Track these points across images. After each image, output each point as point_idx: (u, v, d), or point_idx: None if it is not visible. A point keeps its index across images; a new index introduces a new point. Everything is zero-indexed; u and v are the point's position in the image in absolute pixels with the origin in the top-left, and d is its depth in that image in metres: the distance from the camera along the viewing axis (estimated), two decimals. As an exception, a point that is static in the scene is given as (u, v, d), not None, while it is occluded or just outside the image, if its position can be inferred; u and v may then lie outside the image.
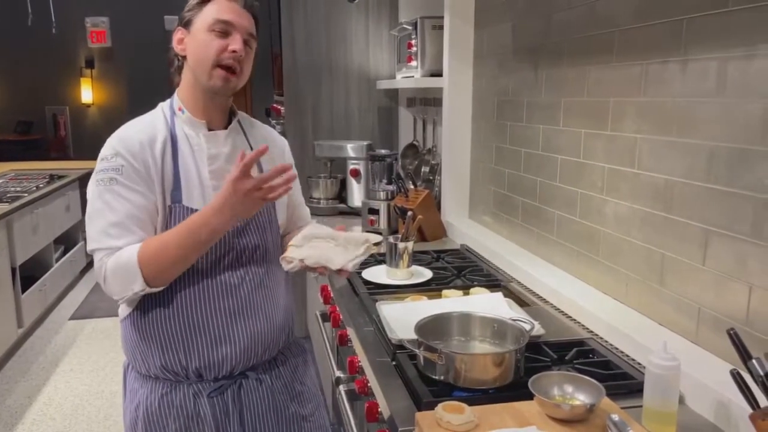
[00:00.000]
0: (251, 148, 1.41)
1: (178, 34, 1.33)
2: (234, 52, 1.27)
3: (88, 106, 7.29)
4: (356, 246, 1.33)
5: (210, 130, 1.34)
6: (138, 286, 1.22)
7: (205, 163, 1.32)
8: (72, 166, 5.40)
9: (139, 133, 1.29)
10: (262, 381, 1.38)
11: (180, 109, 1.34)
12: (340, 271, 1.31)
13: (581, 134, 1.74)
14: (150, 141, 1.28)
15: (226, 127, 1.37)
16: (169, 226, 1.27)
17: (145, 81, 6.97)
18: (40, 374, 3.49)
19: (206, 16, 1.28)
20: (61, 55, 7.07)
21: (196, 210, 1.28)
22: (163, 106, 1.37)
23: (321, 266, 1.30)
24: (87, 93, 7.23)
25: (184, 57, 1.33)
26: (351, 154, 3.15)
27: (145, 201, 1.26)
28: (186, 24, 1.31)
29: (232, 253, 1.32)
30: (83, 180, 5.04)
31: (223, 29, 1.28)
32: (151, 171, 1.26)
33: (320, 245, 1.32)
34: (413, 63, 2.90)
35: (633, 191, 1.52)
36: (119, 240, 1.23)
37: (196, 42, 1.29)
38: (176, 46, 1.33)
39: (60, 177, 4.72)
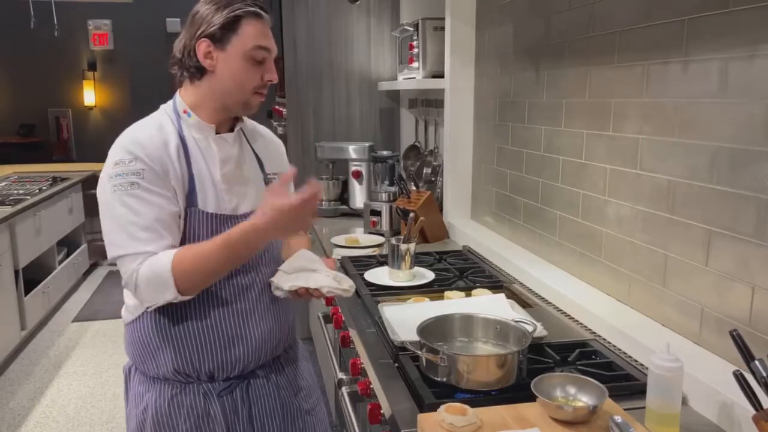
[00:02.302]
0: (253, 151, 1.42)
1: (203, 46, 1.25)
2: (270, 81, 1.28)
3: (91, 108, 7.30)
4: (341, 281, 1.31)
5: (217, 133, 1.34)
6: (170, 296, 1.20)
7: (216, 167, 1.31)
8: (75, 169, 5.40)
9: (153, 137, 1.26)
10: (269, 378, 1.41)
11: (185, 112, 1.31)
12: (315, 290, 1.28)
13: (583, 135, 1.74)
14: (164, 144, 1.26)
15: (230, 130, 1.37)
16: (187, 229, 1.27)
17: (147, 83, 6.98)
18: (43, 377, 3.49)
19: (245, 41, 1.24)
20: (64, 58, 7.09)
21: (211, 213, 1.28)
22: (166, 109, 1.34)
23: (302, 288, 1.29)
24: (89, 95, 7.24)
25: (211, 71, 1.27)
26: (353, 155, 3.16)
27: (170, 204, 1.23)
28: (217, 40, 1.24)
29: None
30: (86, 182, 5.05)
31: (261, 57, 1.26)
32: (169, 174, 1.25)
33: (308, 273, 1.33)
34: (415, 64, 2.90)
35: (635, 192, 1.52)
36: (149, 245, 1.19)
37: (232, 67, 1.25)
38: (203, 60, 1.26)
39: (63, 179, 4.73)
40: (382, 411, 1.30)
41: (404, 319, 1.50)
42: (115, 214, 1.21)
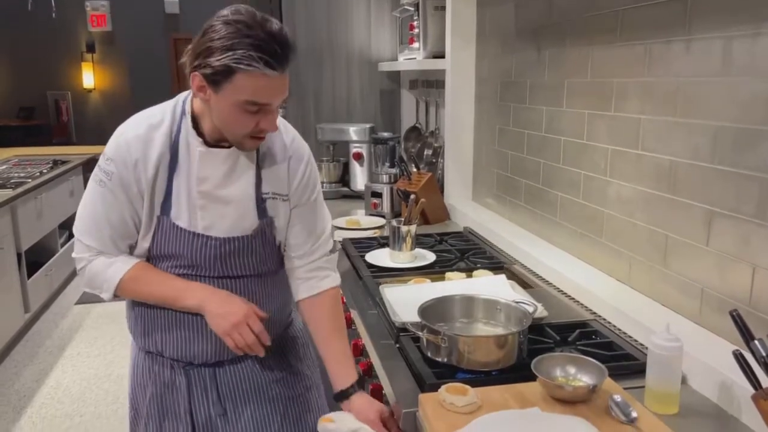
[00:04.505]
0: (257, 164, 1.28)
1: (197, 80, 1.14)
2: (265, 131, 1.20)
3: (90, 90, 7.27)
4: None
5: (217, 143, 1.24)
6: (104, 296, 1.29)
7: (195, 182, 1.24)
8: (75, 152, 5.39)
9: (138, 139, 1.22)
10: (242, 362, 1.36)
11: (191, 115, 1.25)
12: None
13: (584, 115, 1.73)
14: (147, 148, 1.21)
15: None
16: (156, 236, 1.26)
17: (146, 65, 6.94)
18: (47, 358, 3.52)
19: (237, 92, 1.12)
20: (62, 40, 7.04)
21: (181, 228, 1.24)
22: (178, 102, 1.26)
23: None
24: (88, 78, 7.21)
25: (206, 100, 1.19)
26: (353, 137, 3.14)
27: (124, 211, 1.24)
28: (210, 81, 1.13)
29: (216, 267, 1.29)
30: (86, 165, 5.04)
31: (255, 110, 1.16)
32: (141, 180, 1.22)
33: None
34: (415, 44, 2.87)
35: (636, 172, 1.52)
36: (99, 243, 1.26)
37: (223, 110, 1.17)
38: (196, 91, 1.17)
39: (63, 162, 4.72)
40: (383, 391, 1.31)
41: (405, 301, 1.51)
42: (86, 198, 1.28)
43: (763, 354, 0.98)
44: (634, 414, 1.04)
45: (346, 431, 1.21)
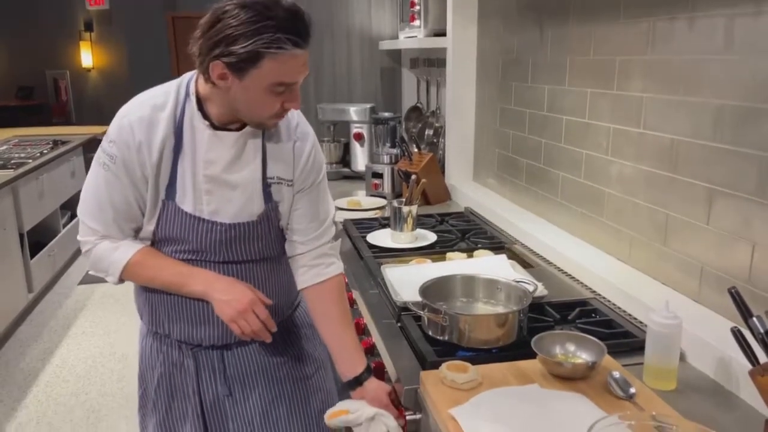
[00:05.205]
0: (263, 148, 1.27)
1: (218, 69, 1.11)
2: (289, 107, 1.20)
3: (89, 70, 7.22)
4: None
5: (224, 126, 1.23)
6: (109, 280, 1.29)
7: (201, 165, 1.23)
8: (75, 132, 5.37)
9: (141, 121, 1.20)
10: (250, 344, 1.36)
11: (196, 98, 1.22)
12: None
13: (587, 94, 1.72)
14: (151, 132, 1.20)
15: (242, 126, 1.24)
16: (161, 220, 1.25)
17: (145, 43, 6.87)
18: (52, 338, 3.55)
19: (265, 76, 1.11)
20: (60, 19, 6.97)
21: (187, 213, 1.24)
22: (181, 84, 1.24)
23: None
24: (87, 57, 7.15)
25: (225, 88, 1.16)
26: (354, 117, 3.13)
27: (128, 194, 1.23)
28: (234, 69, 1.11)
29: (221, 252, 1.29)
30: (87, 146, 5.03)
31: (282, 90, 1.15)
32: (146, 167, 1.21)
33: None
34: (416, 22, 2.85)
35: (638, 151, 1.52)
36: (97, 223, 1.25)
37: (247, 95, 1.15)
38: (216, 80, 1.14)
39: (63, 143, 4.71)
40: (385, 369, 1.33)
41: (406, 280, 1.52)
42: (89, 180, 1.27)
43: (761, 331, 0.99)
44: (632, 390, 1.06)
45: (366, 419, 1.22)
